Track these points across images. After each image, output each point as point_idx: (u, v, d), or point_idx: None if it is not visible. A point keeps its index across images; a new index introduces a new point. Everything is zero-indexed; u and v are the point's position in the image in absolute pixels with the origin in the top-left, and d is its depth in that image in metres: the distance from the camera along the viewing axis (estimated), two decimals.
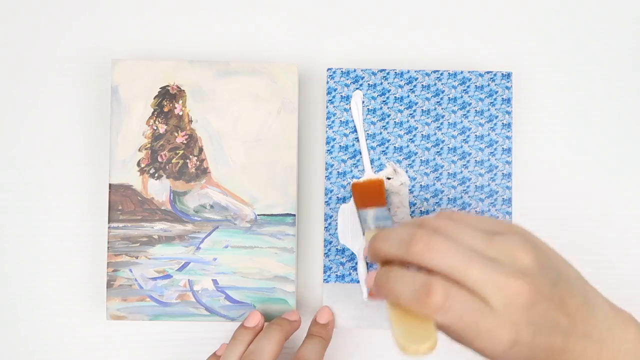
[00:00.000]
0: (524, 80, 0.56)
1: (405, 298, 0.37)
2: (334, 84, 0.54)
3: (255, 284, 0.52)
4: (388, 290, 0.38)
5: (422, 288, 0.36)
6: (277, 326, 0.50)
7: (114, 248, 0.52)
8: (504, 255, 0.37)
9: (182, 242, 0.52)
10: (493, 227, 0.39)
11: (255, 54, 0.56)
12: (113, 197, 0.52)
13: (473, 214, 0.44)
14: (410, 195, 0.53)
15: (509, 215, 0.53)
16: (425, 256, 0.37)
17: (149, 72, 0.53)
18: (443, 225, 0.39)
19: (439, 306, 0.36)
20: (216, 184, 0.53)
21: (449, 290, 0.36)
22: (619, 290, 0.54)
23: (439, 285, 0.36)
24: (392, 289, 0.38)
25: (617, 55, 0.56)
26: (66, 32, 0.57)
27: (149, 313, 0.52)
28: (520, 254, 0.37)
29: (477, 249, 0.37)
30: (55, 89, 0.56)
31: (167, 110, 0.53)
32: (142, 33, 0.57)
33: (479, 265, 0.36)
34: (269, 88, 0.53)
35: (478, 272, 0.36)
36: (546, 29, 0.57)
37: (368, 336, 0.55)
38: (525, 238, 0.38)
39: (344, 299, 0.53)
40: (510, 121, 0.54)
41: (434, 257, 0.37)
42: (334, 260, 0.53)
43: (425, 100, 0.54)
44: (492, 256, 0.37)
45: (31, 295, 0.55)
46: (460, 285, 0.36)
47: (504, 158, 0.53)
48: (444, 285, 0.36)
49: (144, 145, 0.53)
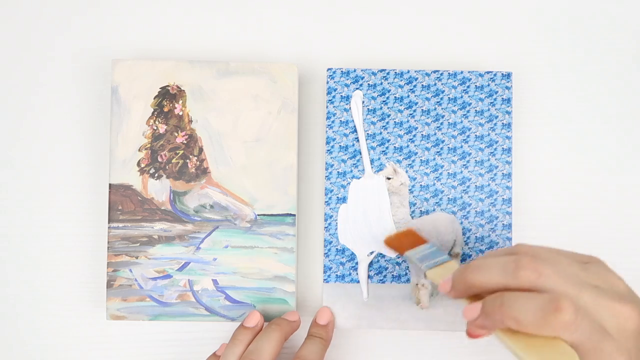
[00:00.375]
0: (524, 80, 0.56)
1: (529, 319, 0.36)
2: (334, 84, 0.54)
3: (255, 284, 0.52)
4: (505, 315, 0.36)
5: (549, 305, 0.35)
6: (277, 326, 0.50)
7: (114, 248, 0.52)
8: (603, 282, 0.37)
9: (182, 242, 0.52)
10: (577, 257, 0.39)
11: (255, 54, 0.56)
12: (113, 197, 0.52)
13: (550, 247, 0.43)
14: (410, 195, 0.53)
15: (509, 215, 0.53)
16: (536, 281, 0.36)
17: (149, 72, 0.53)
18: (540, 252, 0.38)
19: (570, 322, 0.35)
20: (216, 184, 0.53)
21: (578, 306, 0.35)
22: None
23: (569, 300, 0.35)
24: (511, 311, 0.36)
25: (617, 55, 0.56)
26: (66, 32, 0.57)
27: (149, 313, 0.52)
28: (615, 281, 0.38)
29: (578, 275, 0.37)
30: (55, 89, 0.56)
31: (167, 110, 0.53)
32: (142, 33, 0.57)
33: (588, 291, 0.36)
34: (269, 88, 0.53)
35: (589, 297, 0.36)
36: (546, 29, 0.57)
37: (368, 336, 0.55)
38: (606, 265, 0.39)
39: (344, 299, 0.53)
40: (510, 121, 0.54)
41: (545, 282, 0.36)
42: (334, 260, 0.53)
43: (425, 100, 0.54)
44: (594, 282, 0.37)
45: (31, 295, 0.55)
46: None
47: (504, 158, 0.53)
48: (573, 302, 0.35)
49: (144, 145, 0.53)
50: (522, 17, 0.57)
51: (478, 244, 0.53)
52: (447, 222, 0.53)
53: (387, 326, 0.52)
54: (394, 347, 0.54)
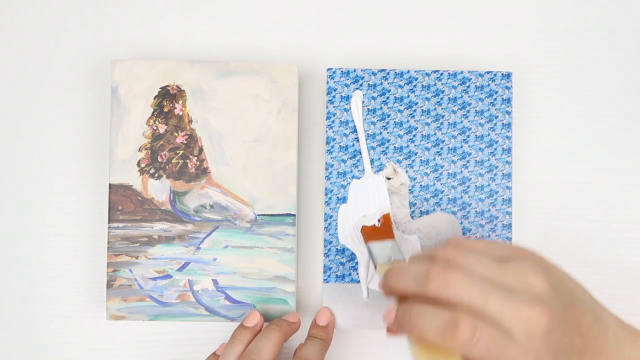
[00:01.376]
0: (524, 80, 0.56)
1: (431, 333, 0.37)
2: (334, 84, 0.54)
3: (255, 284, 0.52)
4: (411, 326, 0.38)
5: (449, 323, 0.36)
6: (277, 327, 0.50)
7: (114, 248, 0.52)
8: (517, 282, 0.37)
9: (182, 242, 0.52)
10: (503, 252, 0.40)
11: (255, 54, 0.56)
12: (113, 197, 0.52)
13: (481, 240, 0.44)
14: (410, 195, 0.53)
15: (509, 215, 0.53)
16: (443, 292, 0.37)
17: (149, 72, 0.53)
18: (455, 256, 0.39)
19: (468, 340, 0.36)
20: (216, 184, 0.53)
21: (476, 323, 0.36)
22: (619, 290, 0.54)
23: (466, 319, 0.36)
24: (416, 324, 0.38)
25: (617, 55, 0.56)
26: (66, 32, 0.57)
27: (149, 313, 0.52)
28: (533, 280, 0.37)
29: (491, 278, 0.38)
30: (55, 89, 0.56)
31: (167, 110, 0.53)
32: (142, 33, 0.57)
33: (496, 297, 0.37)
34: (269, 88, 0.53)
35: (496, 303, 0.36)
36: (546, 29, 0.56)
37: (368, 336, 0.55)
38: (535, 262, 0.39)
39: (344, 299, 0.53)
40: (510, 121, 0.54)
41: (452, 292, 0.37)
42: (334, 260, 0.53)
43: (425, 100, 0.54)
44: (507, 284, 0.37)
45: (31, 295, 0.55)
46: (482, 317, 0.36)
47: (504, 158, 0.53)
48: (471, 319, 0.36)
49: (144, 145, 0.53)
50: (522, 17, 0.57)
51: None
52: (447, 222, 0.53)
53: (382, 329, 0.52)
54: (394, 347, 0.54)
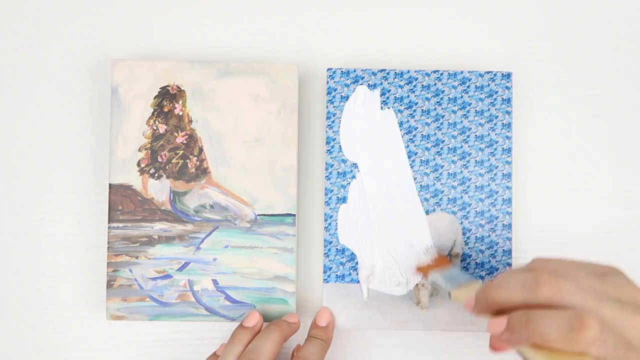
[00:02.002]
0: (524, 80, 0.56)
1: (555, 335, 0.36)
2: (334, 84, 0.54)
3: (255, 284, 0.52)
4: (531, 332, 0.37)
5: (574, 321, 0.36)
6: (276, 327, 0.50)
7: (114, 248, 0.52)
8: (622, 294, 0.37)
9: (182, 242, 0.52)
10: (596, 268, 0.40)
11: (255, 54, 0.56)
12: (113, 197, 0.52)
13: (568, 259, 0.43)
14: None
15: (509, 215, 0.53)
16: (556, 296, 0.37)
17: (149, 72, 0.53)
18: (557, 267, 0.39)
19: (596, 338, 0.35)
20: (216, 184, 0.53)
21: (603, 321, 0.36)
22: None
23: (593, 317, 0.35)
24: (535, 329, 0.37)
25: (617, 55, 0.56)
26: (66, 32, 0.57)
27: (149, 313, 0.52)
28: (635, 293, 0.38)
29: (597, 287, 0.37)
30: (55, 89, 0.56)
31: (167, 110, 0.53)
32: (142, 33, 0.57)
33: (608, 304, 0.36)
34: (269, 88, 0.53)
35: (610, 310, 0.36)
36: (546, 29, 0.56)
37: (368, 336, 0.55)
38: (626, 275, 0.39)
39: (344, 299, 0.53)
40: (510, 121, 0.53)
41: (565, 296, 0.37)
42: (334, 260, 0.53)
43: (425, 100, 0.54)
44: (613, 295, 0.37)
45: (31, 295, 0.55)
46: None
47: (504, 158, 0.53)
48: (597, 317, 0.36)
49: (144, 145, 0.53)
50: (522, 17, 0.57)
51: (478, 244, 0.53)
52: (447, 222, 0.53)
53: (387, 326, 0.52)
54: (394, 347, 0.54)
